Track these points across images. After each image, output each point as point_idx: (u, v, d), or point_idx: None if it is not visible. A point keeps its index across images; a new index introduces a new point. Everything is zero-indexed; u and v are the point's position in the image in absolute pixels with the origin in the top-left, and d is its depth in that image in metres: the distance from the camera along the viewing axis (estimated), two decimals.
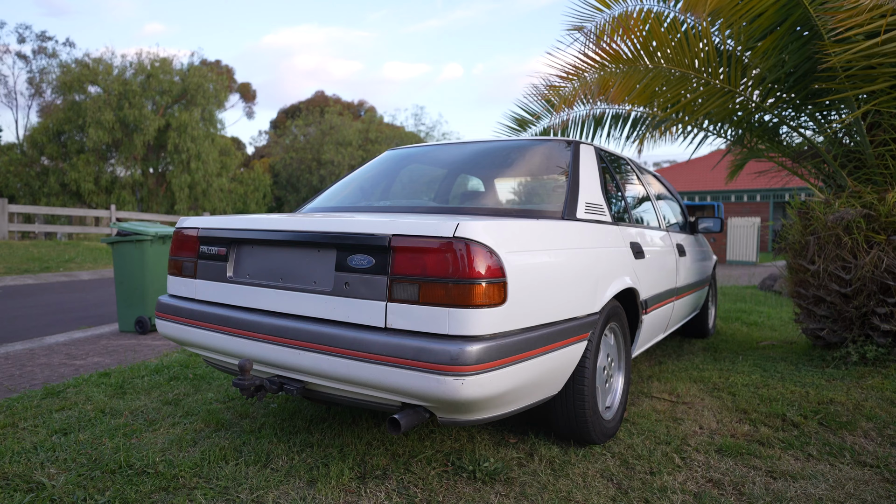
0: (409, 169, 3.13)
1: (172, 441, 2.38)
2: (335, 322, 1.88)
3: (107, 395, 3.05)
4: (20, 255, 11.87)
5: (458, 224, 1.71)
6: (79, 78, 17.13)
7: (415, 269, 1.73)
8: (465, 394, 1.64)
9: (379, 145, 24.88)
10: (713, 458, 2.27)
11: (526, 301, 1.83)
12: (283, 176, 25.73)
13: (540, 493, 1.97)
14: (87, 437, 2.44)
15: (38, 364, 4.08)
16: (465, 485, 2.02)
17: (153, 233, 5.78)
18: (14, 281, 10.03)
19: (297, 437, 2.41)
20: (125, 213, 15.49)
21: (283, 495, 1.91)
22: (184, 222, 2.43)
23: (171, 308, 2.36)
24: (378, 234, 1.80)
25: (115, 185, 17.86)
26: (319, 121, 26.04)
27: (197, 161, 18.29)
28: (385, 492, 1.95)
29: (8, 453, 2.25)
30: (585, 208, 2.41)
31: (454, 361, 1.62)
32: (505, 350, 1.72)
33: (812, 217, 3.59)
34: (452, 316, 1.67)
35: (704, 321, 4.61)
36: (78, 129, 17.04)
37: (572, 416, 2.26)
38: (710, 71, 3.46)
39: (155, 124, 17.62)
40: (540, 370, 1.92)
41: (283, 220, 2.08)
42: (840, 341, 3.56)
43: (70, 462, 2.18)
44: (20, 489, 1.96)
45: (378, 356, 1.72)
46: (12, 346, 4.84)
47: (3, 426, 2.60)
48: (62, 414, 2.76)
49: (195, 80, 18.54)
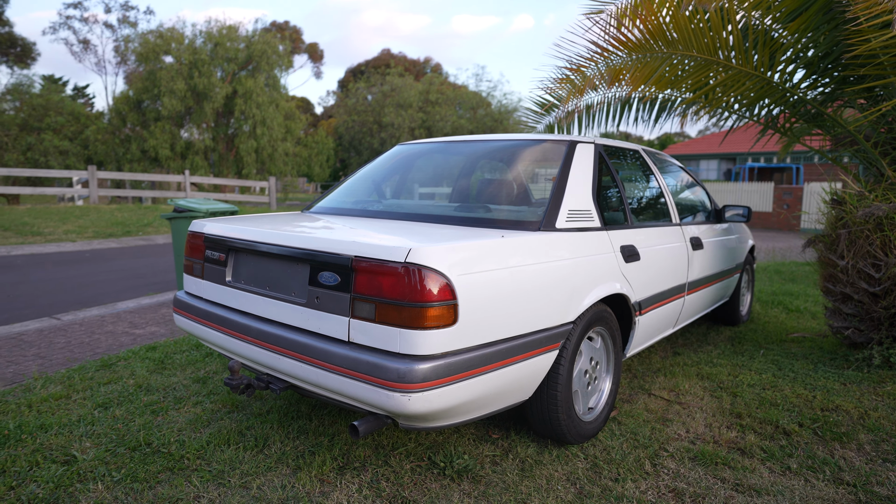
0: (412, 168, 3.21)
1: (190, 421, 2.68)
2: (309, 332, 2.04)
3: (148, 371, 3.42)
4: (106, 220, 12.95)
5: (410, 250, 1.80)
6: (154, 49, 18.08)
7: (372, 290, 1.85)
8: (412, 409, 1.77)
9: (439, 107, 24.76)
10: (685, 467, 2.30)
11: (481, 320, 1.91)
12: (345, 138, 26.26)
13: (501, 493, 2.10)
14: (121, 413, 2.78)
15: (105, 332, 4.57)
16: (433, 481, 2.18)
17: (204, 209, 6.19)
18: (100, 245, 11.01)
19: (296, 422, 2.65)
20: (198, 177, 16.44)
21: (268, 482, 2.14)
22: (194, 226, 2.65)
23: (184, 304, 2.62)
24: (343, 254, 1.93)
25: (189, 151, 18.95)
26: (381, 82, 26.18)
27: (262, 127, 19.01)
28: (358, 484, 2.15)
29: (55, 426, 2.62)
30: (568, 217, 2.42)
31: (401, 379, 1.75)
32: (455, 368, 1.83)
33: (845, 209, 3.38)
34: (403, 336, 1.79)
35: (735, 309, 4.48)
36: (154, 97, 18.10)
37: (546, 419, 2.35)
38: (738, 55, 3.27)
39: (223, 92, 18.40)
40: (500, 382, 2.02)
41: (269, 234, 2.25)
42: (866, 342, 3.40)
43: (102, 437, 2.52)
44: (57, 461, 2.30)
45: (340, 368, 1.88)
46: (89, 311, 5.43)
47: (59, 397, 3.00)
48: (108, 388, 3.14)
49: (259, 48, 19.09)
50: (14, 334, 4.45)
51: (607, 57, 3.77)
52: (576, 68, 3.93)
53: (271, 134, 19.32)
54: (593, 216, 2.56)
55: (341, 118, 27.31)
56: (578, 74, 3.99)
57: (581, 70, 3.97)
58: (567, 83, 3.92)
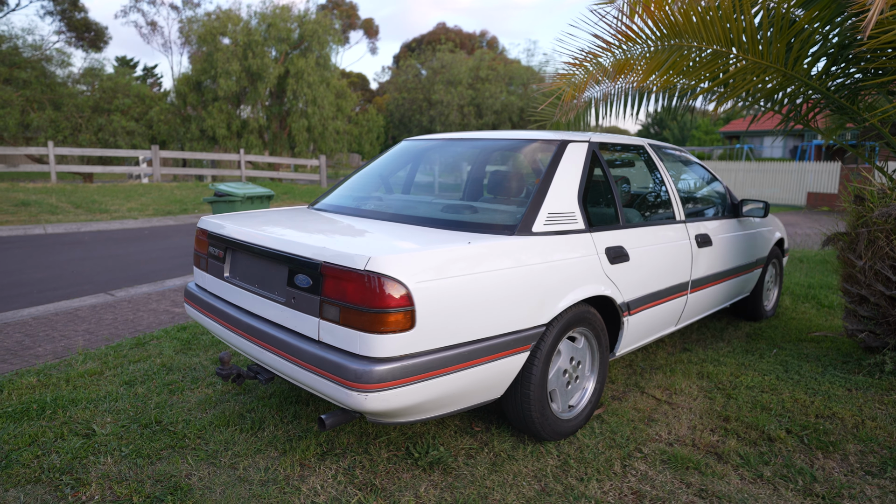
0: (412, 165, 3.30)
1: (200, 401, 2.92)
2: (287, 329, 2.20)
3: (175, 351, 3.71)
4: (166, 197, 13.71)
5: (370, 258, 1.91)
6: (210, 31, 18.74)
7: (337, 294, 1.98)
8: (369, 407, 1.90)
9: (489, 84, 24.50)
10: (654, 469, 2.34)
11: (441, 324, 2.01)
12: (395, 116, 26.48)
13: (467, 486, 2.21)
14: (143, 391, 3.06)
15: (149, 309, 4.95)
16: (405, 471, 2.32)
17: (241, 194, 6.51)
18: (158, 222, 11.71)
19: (294, 407, 2.84)
20: (253, 156, 17.09)
21: (254, 464, 2.34)
22: (201, 223, 2.85)
23: (191, 295, 2.84)
24: (314, 259, 2.06)
25: (244, 130, 19.68)
26: (432, 59, 26.10)
27: (313, 106, 19.46)
28: (335, 470, 2.31)
29: (83, 401, 2.92)
30: (547, 220, 2.45)
31: (359, 379, 1.88)
32: (411, 370, 1.94)
33: (865, 207, 3.22)
34: (362, 339, 1.91)
35: (757, 304, 4.36)
36: (212, 78, 18.84)
37: (520, 417, 2.43)
38: (751, 46, 3.13)
39: (276, 72, 18.92)
40: (465, 382, 2.11)
41: (257, 234, 2.40)
42: (881, 346, 3.25)
43: (121, 413, 2.79)
44: (79, 433, 2.59)
45: (310, 365, 2.03)
46: (139, 288, 5.87)
47: (93, 373, 3.32)
48: (137, 366, 3.44)
49: (310, 27, 19.43)
50: (72, 309, 4.89)
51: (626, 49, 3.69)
52: (582, 59, 3.86)
53: (322, 113, 19.75)
54: (576, 218, 2.58)
55: (392, 95, 27.50)
56: (591, 64, 3.92)
57: (591, 59, 3.90)
58: (583, 67, 3.85)
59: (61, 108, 17.38)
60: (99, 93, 18.33)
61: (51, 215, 10.82)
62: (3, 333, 4.15)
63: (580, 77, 3.95)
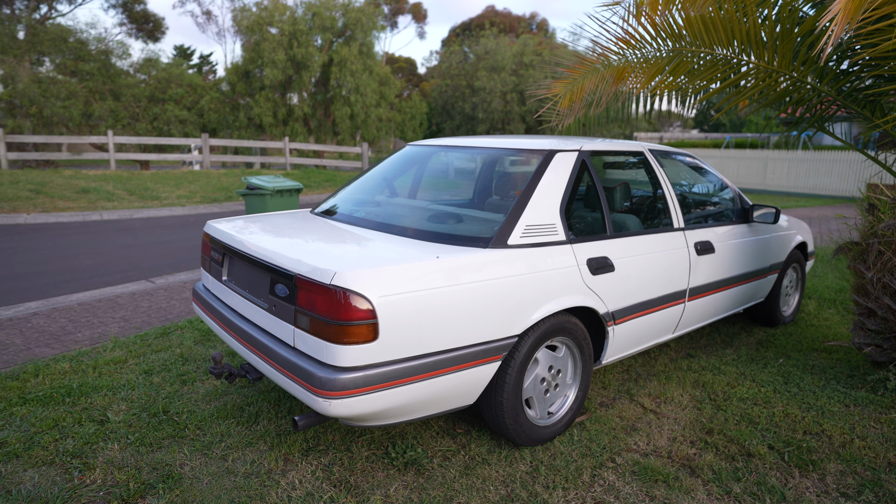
0: (408, 172, 3.38)
1: (207, 393, 3.14)
2: (269, 334, 2.35)
3: (194, 342, 3.96)
4: (214, 185, 14.30)
5: (335, 273, 2.02)
6: (258, 21, 19.23)
7: (308, 305, 2.10)
8: (333, 412, 2.03)
9: (533, 70, 24.12)
10: (622, 480, 2.38)
11: (405, 336, 2.10)
12: (438, 102, 26.45)
13: (436, 487, 2.32)
14: (158, 381, 3.31)
15: (182, 298, 5.25)
16: (380, 470, 2.45)
17: (271, 188, 6.76)
18: (204, 209, 12.26)
19: (290, 402, 3.02)
20: (298, 143, 17.54)
21: (242, 457, 2.52)
22: (206, 227, 3.04)
23: (197, 295, 3.04)
24: (290, 271, 2.19)
25: (290, 118, 20.17)
26: (476, 45, 25.88)
27: (356, 94, 19.73)
28: (315, 466, 2.46)
29: (104, 388, 3.19)
30: (524, 232, 2.49)
31: (324, 387, 2.01)
32: (374, 379, 2.05)
33: (876, 217, 3.09)
34: (328, 349, 2.04)
35: (774, 310, 4.25)
36: (259, 68, 19.36)
37: (494, 422, 2.52)
38: (752, 51, 3.04)
39: (320, 61, 19.27)
40: (432, 390, 2.21)
41: (246, 242, 2.56)
42: (887, 361, 3.14)
43: (135, 402, 3.03)
44: (95, 420, 2.84)
45: (284, 370, 2.18)
46: (178, 276, 6.23)
47: (118, 361, 3.59)
48: (158, 356, 3.70)
49: (353, 16, 19.63)
50: (113, 296, 5.25)
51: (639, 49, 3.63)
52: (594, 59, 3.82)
53: (364, 100, 20.00)
54: (557, 230, 2.61)
55: (436, 81, 27.47)
56: (599, 62, 3.88)
57: (599, 59, 3.86)
58: (585, 65, 3.82)
59: (120, 98, 18.29)
60: (154, 82, 19.18)
61: (107, 202, 11.50)
62: (51, 318, 4.52)
63: (616, 62, 3.81)
